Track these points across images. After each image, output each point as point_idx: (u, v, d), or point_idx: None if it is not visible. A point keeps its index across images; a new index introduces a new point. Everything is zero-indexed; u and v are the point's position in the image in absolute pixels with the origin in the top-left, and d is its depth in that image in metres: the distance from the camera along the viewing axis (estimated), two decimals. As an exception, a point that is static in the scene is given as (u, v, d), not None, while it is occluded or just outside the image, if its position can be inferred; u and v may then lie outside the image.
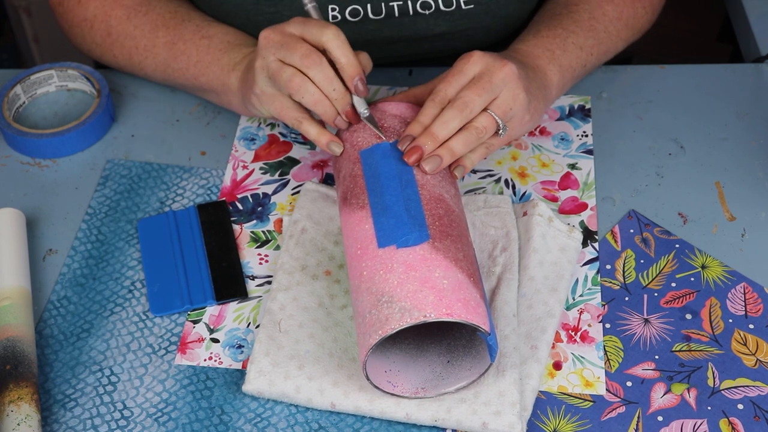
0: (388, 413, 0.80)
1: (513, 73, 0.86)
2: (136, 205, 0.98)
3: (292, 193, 0.98)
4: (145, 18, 1.01)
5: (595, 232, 0.94)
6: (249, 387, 0.82)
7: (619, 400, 0.82)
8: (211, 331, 0.88)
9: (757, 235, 0.94)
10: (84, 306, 0.90)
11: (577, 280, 0.90)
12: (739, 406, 0.82)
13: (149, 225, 0.95)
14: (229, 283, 0.90)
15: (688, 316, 0.88)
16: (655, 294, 0.89)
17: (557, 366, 0.84)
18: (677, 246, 0.93)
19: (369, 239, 0.81)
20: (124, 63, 1.04)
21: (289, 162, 1.01)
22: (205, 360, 0.86)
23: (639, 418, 0.81)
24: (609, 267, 0.91)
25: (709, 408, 0.82)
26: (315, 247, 0.91)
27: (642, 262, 0.92)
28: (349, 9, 0.98)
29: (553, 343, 0.86)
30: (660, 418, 0.81)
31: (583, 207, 0.96)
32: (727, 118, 1.05)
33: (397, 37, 1.01)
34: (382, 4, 0.98)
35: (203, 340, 0.87)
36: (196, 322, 0.88)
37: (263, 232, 0.95)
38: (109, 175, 1.00)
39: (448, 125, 0.84)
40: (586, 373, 0.84)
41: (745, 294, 0.89)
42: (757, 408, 0.82)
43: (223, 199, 0.97)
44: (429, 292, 0.76)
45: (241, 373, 0.85)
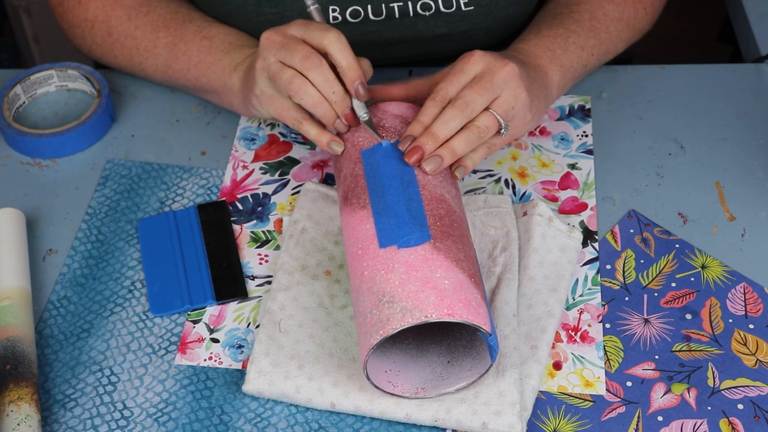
0: (388, 413, 0.80)
1: (514, 72, 0.86)
2: (136, 205, 0.98)
3: (292, 193, 0.98)
4: (146, 18, 1.01)
5: (595, 232, 0.94)
6: (249, 387, 0.82)
7: (619, 400, 0.82)
8: (211, 331, 0.88)
9: (757, 235, 0.94)
10: (84, 306, 0.90)
11: (577, 280, 0.90)
12: (739, 406, 0.82)
13: (149, 225, 0.95)
14: (229, 283, 0.90)
15: (688, 316, 0.88)
16: (655, 294, 0.89)
17: (557, 366, 0.84)
18: (677, 246, 0.93)
19: (370, 239, 0.81)
20: (124, 63, 1.04)
21: (289, 162, 1.01)
22: (205, 360, 0.86)
23: (639, 418, 0.81)
24: (609, 267, 0.91)
25: (709, 408, 0.82)
26: (315, 247, 0.91)
27: (642, 262, 0.92)
28: (349, 10, 0.99)
29: (553, 343, 0.86)
30: (660, 418, 0.81)
31: (583, 207, 0.96)
32: (727, 118, 1.05)
33: (398, 38, 1.01)
34: (383, 5, 0.98)
35: (203, 340, 0.87)
36: (196, 322, 0.88)
37: (263, 232, 0.95)
38: (109, 175, 1.00)
39: (449, 125, 0.84)
40: (586, 373, 0.84)
41: (745, 294, 0.89)
42: (757, 408, 0.82)
43: (223, 199, 0.97)
44: (430, 292, 0.76)
45: (241, 373, 0.85)
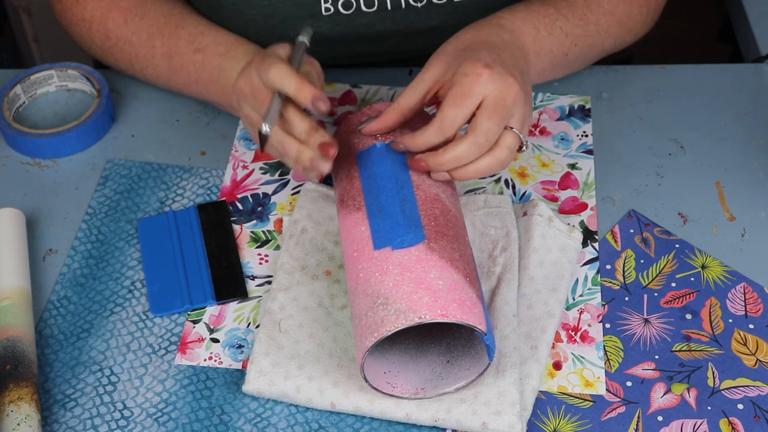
0: (388, 413, 0.80)
1: (520, 90, 0.84)
2: (136, 205, 0.98)
3: (292, 193, 0.98)
4: (141, 23, 1.01)
5: (595, 232, 0.94)
6: (249, 387, 0.82)
7: (619, 400, 0.82)
8: (211, 331, 0.88)
9: (757, 235, 0.94)
10: (84, 306, 0.90)
11: (577, 280, 0.90)
12: (739, 406, 0.82)
13: (149, 225, 0.95)
14: (229, 283, 0.90)
15: (688, 316, 0.88)
16: (655, 294, 0.89)
17: (557, 366, 0.84)
18: (677, 246, 0.93)
19: (365, 241, 0.81)
20: (125, 67, 1.04)
21: (289, 162, 1.01)
22: (205, 360, 0.86)
23: (639, 418, 0.81)
24: (609, 267, 0.91)
25: (709, 408, 0.82)
26: (315, 247, 0.91)
27: (642, 262, 0.92)
28: (341, 1, 0.98)
29: (553, 343, 0.86)
30: (660, 418, 0.81)
31: (583, 207, 0.96)
32: (727, 118, 1.05)
33: (391, 30, 1.01)
34: None
35: (203, 340, 0.87)
36: (196, 322, 0.88)
37: (263, 232, 0.95)
38: (109, 175, 1.00)
39: (467, 159, 0.83)
40: (586, 373, 0.84)
41: (745, 294, 0.89)
42: (757, 408, 0.82)
43: (223, 199, 0.97)
44: (424, 293, 0.76)
45: (241, 373, 0.85)
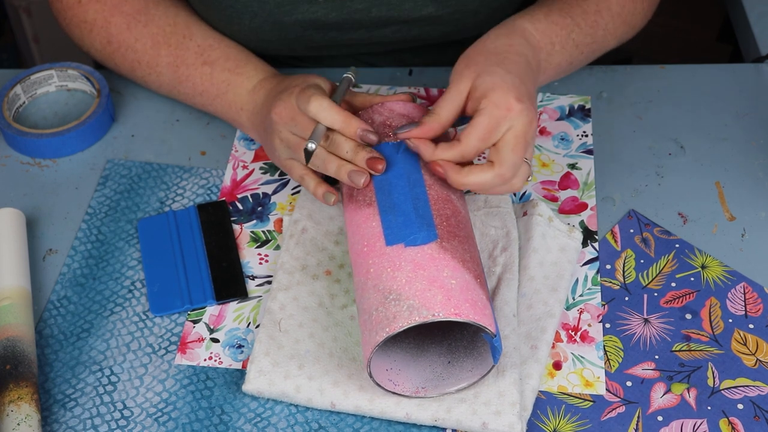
0: (388, 413, 0.80)
1: (536, 124, 0.86)
2: (136, 205, 0.98)
3: (292, 193, 0.98)
4: (145, 30, 1.01)
5: (595, 232, 0.94)
6: (249, 387, 0.82)
7: (619, 400, 0.82)
8: (211, 331, 0.88)
9: (757, 235, 0.94)
10: (84, 306, 0.90)
11: (577, 280, 0.90)
12: (739, 406, 0.82)
13: (149, 225, 0.95)
14: (229, 283, 0.90)
15: (688, 316, 0.88)
16: (655, 294, 0.89)
17: (557, 366, 0.84)
18: (677, 246, 0.93)
19: (376, 237, 0.81)
20: (126, 73, 1.04)
21: (289, 162, 1.01)
22: (205, 360, 0.86)
23: (639, 418, 0.81)
24: (609, 267, 0.91)
25: (709, 408, 0.82)
26: (315, 246, 0.91)
27: (642, 262, 0.92)
28: None
29: (553, 343, 0.86)
30: (660, 418, 0.81)
31: (583, 207, 0.96)
32: (727, 118, 1.05)
33: (386, 17, 1.01)
34: None
35: (203, 340, 0.87)
36: (196, 322, 0.88)
37: (263, 232, 0.95)
38: (109, 175, 1.00)
39: (485, 187, 0.85)
40: (586, 373, 0.84)
41: (745, 294, 0.89)
42: (757, 408, 0.82)
43: (223, 199, 0.97)
44: (437, 291, 0.76)
45: (241, 373, 0.85)
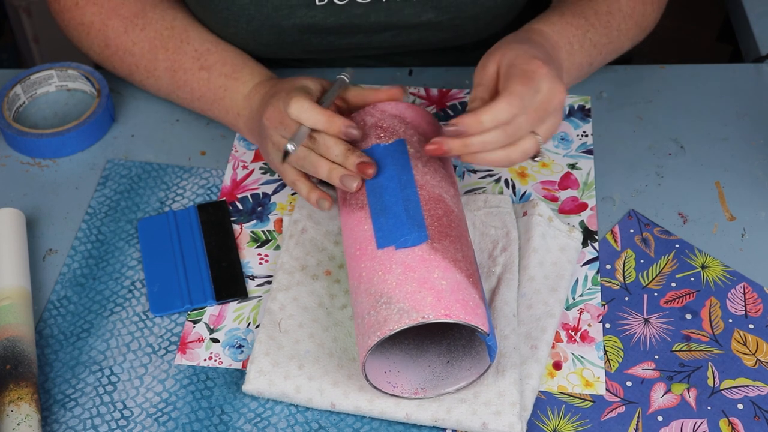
0: (388, 413, 0.80)
1: (563, 101, 0.84)
2: (136, 205, 0.98)
3: (292, 193, 0.98)
4: (143, 34, 1.01)
5: (595, 232, 0.94)
6: (249, 387, 0.82)
7: (619, 400, 0.82)
8: (211, 331, 0.88)
9: (757, 235, 0.94)
10: (84, 306, 0.90)
11: (577, 280, 0.90)
12: (739, 406, 0.82)
13: (149, 225, 0.95)
14: (229, 283, 0.90)
15: (688, 316, 0.88)
16: (655, 294, 0.89)
17: (557, 366, 0.84)
18: (677, 246, 0.93)
19: (368, 240, 0.81)
20: (124, 76, 1.04)
21: (289, 162, 1.01)
22: (205, 360, 0.86)
23: (639, 418, 0.81)
24: (609, 267, 0.91)
25: (709, 408, 0.82)
26: (315, 246, 0.91)
27: (642, 262, 0.92)
28: None
29: (553, 343, 0.86)
30: (660, 418, 0.81)
31: (583, 207, 0.96)
32: (727, 118, 1.05)
33: (385, 23, 1.01)
34: None
35: (203, 340, 0.87)
36: (196, 322, 0.88)
37: (263, 232, 0.95)
38: (109, 175, 1.00)
39: (489, 146, 0.82)
40: (586, 373, 0.84)
41: (745, 294, 0.89)
42: (757, 408, 0.82)
43: (223, 199, 0.97)
44: (428, 293, 0.76)
45: (241, 373, 0.85)
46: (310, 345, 0.84)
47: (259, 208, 0.97)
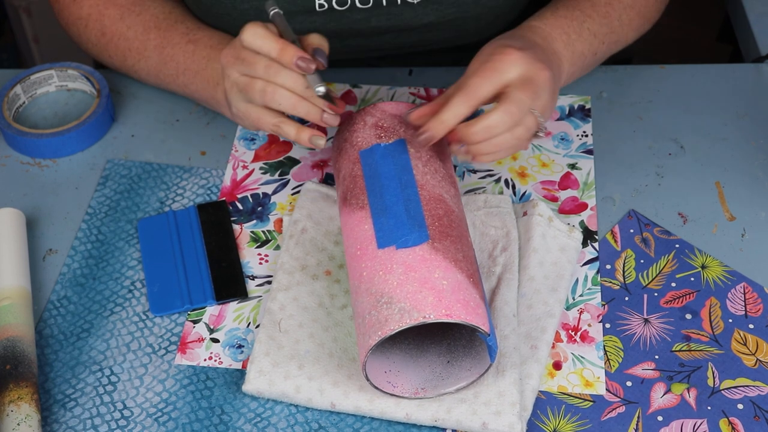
0: (388, 413, 0.80)
1: (550, 77, 0.85)
2: (136, 205, 0.98)
3: (292, 193, 0.98)
4: (138, 18, 1.01)
5: (595, 232, 0.94)
6: (249, 387, 0.82)
7: (619, 400, 0.82)
8: (211, 331, 0.88)
9: (757, 235, 0.94)
10: (84, 306, 0.90)
11: (577, 280, 0.90)
12: (739, 406, 0.82)
13: (149, 225, 0.95)
14: (229, 283, 0.90)
15: (688, 316, 0.88)
16: (655, 294, 0.89)
17: (557, 366, 0.84)
18: (677, 246, 0.93)
19: (368, 240, 0.81)
20: (119, 65, 1.04)
21: (289, 162, 1.01)
22: (205, 360, 0.86)
23: (639, 418, 0.81)
24: (609, 267, 0.91)
25: (709, 408, 0.82)
26: (315, 247, 0.91)
27: (642, 262, 0.92)
28: None
29: (553, 343, 0.86)
30: (660, 418, 0.81)
31: (583, 207, 0.96)
32: (727, 118, 1.05)
33: (386, 26, 1.01)
34: None
35: (203, 340, 0.87)
36: (196, 322, 0.88)
37: (263, 232, 0.95)
38: (109, 175, 1.00)
39: (494, 131, 0.83)
40: (586, 373, 0.84)
41: (745, 294, 0.89)
42: (757, 408, 0.82)
43: (223, 199, 0.97)
44: (428, 292, 0.76)
45: (241, 373, 0.85)
46: (310, 345, 0.84)
47: (259, 208, 0.97)
